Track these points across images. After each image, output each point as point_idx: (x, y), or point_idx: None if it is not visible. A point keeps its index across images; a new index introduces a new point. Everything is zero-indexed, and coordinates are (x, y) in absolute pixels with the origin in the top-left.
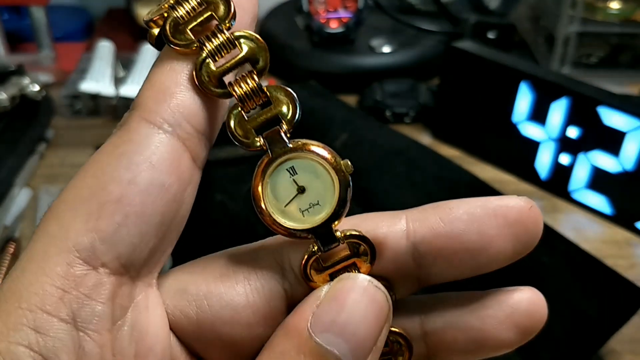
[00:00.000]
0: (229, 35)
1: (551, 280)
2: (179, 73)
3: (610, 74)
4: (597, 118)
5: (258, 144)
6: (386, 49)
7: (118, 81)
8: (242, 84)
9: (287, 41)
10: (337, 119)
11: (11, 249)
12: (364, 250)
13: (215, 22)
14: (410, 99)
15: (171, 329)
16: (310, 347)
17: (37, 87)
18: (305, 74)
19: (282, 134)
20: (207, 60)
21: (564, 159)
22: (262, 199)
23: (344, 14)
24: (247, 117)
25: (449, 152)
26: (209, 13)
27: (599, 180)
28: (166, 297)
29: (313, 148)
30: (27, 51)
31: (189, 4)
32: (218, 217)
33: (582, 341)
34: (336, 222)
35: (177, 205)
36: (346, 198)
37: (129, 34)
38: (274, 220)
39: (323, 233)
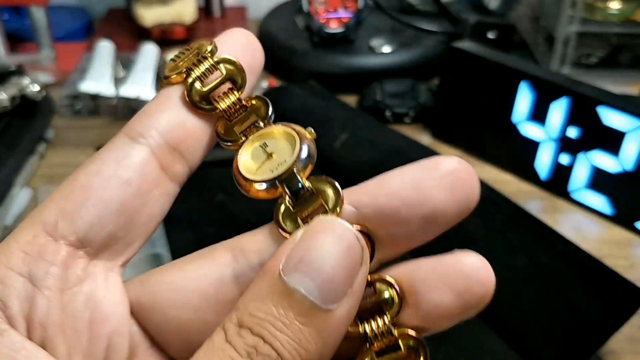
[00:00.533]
0: (211, 62)
1: (550, 280)
2: (162, 98)
3: (610, 74)
4: (597, 118)
5: (241, 140)
6: (386, 49)
7: (118, 81)
8: (225, 99)
9: (287, 41)
10: (337, 119)
11: None
12: (334, 203)
13: (197, 52)
14: (410, 99)
15: (133, 316)
16: (279, 286)
17: (37, 87)
18: (305, 74)
19: (257, 124)
20: (195, 83)
21: (564, 159)
22: (238, 168)
23: (344, 14)
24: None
25: (448, 152)
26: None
27: (599, 180)
28: (130, 288)
29: (279, 125)
30: (27, 51)
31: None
32: (219, 217)
33: (582, 341)
34: (301, 171)
35: (140, 201)
36: (308, 151)
37: (129, 34)
38: (246, 178)
39: (288, 179)
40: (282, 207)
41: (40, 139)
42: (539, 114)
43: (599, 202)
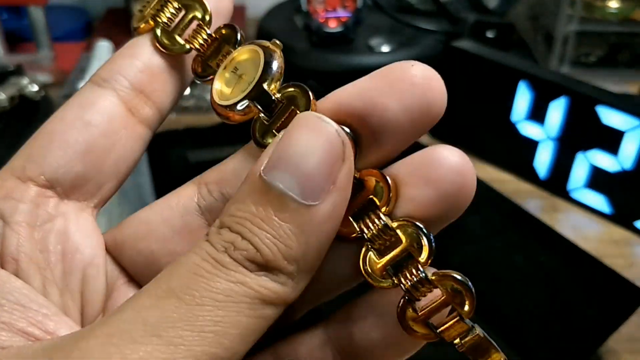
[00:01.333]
0: (174, 5)
1: (550, 279)
2: (129, 46)
3: (609, 73)
4: (595, 117)
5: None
6: (385, 49)
7: None
8: (195, 38)
9: (286, 41)
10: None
11: None
12: (306, 106)
13: None
14: None
15: (109, 255)
16: (259, 185)
17: (36, 87)
18: (304, 74)
19: (230, 52)
20: (162, 27)
21: (563, 158)
22: (212, 97)
23: (343, 14)
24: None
25: None
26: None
27: (598, 179)
28: (106, 233)
29: (246, 45)
30: (26, 51)
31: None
32: None
33: (581, 340)
34: (268, 85)
35: (106, 142)
36: (273, 64)
37: (127, 34)
38: (220, 105)
39: (258, 95)
40: (258, 124)
41: None
42: (538, 113)
43: (598, 201)
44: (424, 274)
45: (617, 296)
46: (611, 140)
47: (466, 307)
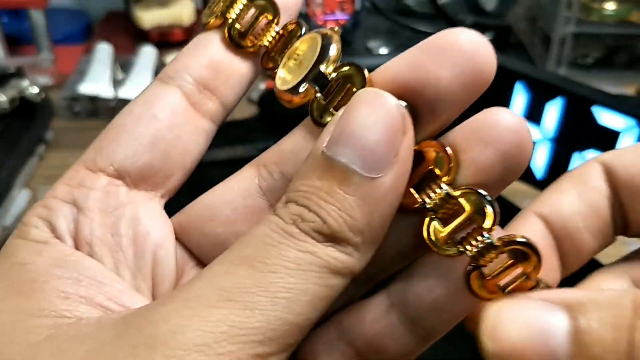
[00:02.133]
0: (244, 1)
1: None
2: (195, 43)
3: (606, 75)
4: (591, 118)
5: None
6: (383, 51)
7: (117, 83)
8: (265, 35)
9: None
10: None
11: None
12: (361, 83)
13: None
14: None
15: (177, 240)
16: (322, 161)
17: (36, 89)
18: None
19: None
20: (235, 24)
21: (559, 158)
22: (275, 85)
23: (341, 16)
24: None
25: None
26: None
27: None
28: (173, 219)
29: (306, 35)
30: (27, 54)
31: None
32: None
33: None
34: (325, 66)
35: (171, 135)
36: (330, 46)
37: (127, 37)
38: (282, 90)
39: (315, 77)
40: (315, 104)
41: (39, 141)
42: (534, 114)
43: None
44: (489, 240)
45: None
46: (607, 140)
47: (533, 268)
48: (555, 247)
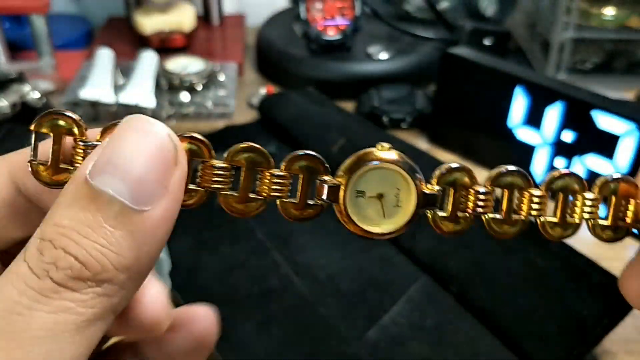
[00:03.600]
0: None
1: (546, 282)
2: None
3: (605, 80)
4: (591, 122)
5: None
6: (383, 56)
7: (118, 88)
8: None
9: (285, 48)
10: (335, 124)
11: None
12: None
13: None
14: (407, 105)
15: None
16: (86, 190)
17: (37, 95)
18: (303, 81)
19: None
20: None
21: (559, 162)
22: (363, 230)
23: (341, 22)
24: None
25: (445, 156)
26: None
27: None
28: None
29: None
30: (28, 59)
31: None
32: (218, 222)
33: (577, 341)
34: (424, 183)
35: None
36: (412, 166)
37: (128, 42)
38: (382, 233)
39: (428, 201)
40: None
41: None
42: (534, 119)
43: None
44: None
45: (612, 298)
46: (607, 144)
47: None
48: None
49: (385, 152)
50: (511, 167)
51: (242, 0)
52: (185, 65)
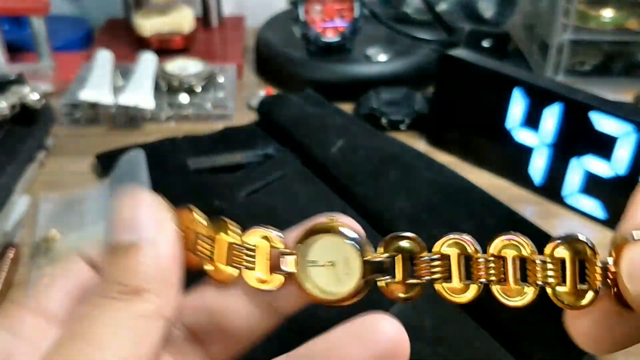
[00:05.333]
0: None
1: None
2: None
3: (603, 82)
4: (589, 123)
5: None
6: (382, 58)
7: (117, 90)
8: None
9: (284, 50)
10: (333, 126)
11: (11, 254)
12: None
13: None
14: (405, 106)
15: None
16: (110, 251)
17: (36, 96)
18: (302, 83)
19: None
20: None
21: (558, 164)
22: (308, 294)
23: (340, 24)
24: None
25: (444, 158)
26: None
27: (592, 185)
28: None
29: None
30: (27, 61)
31: None
32: None
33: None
34: (369, 253)
35: None
36: (359, 236)
37: (128, 44)
38: (338, 300)
39: (376, 269)
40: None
41: (39, 147)
42: (532, 120)
43: (593, 206)
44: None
45: None
46: (605, 146)
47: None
48: None
49: (332, 223)
50: (454, 235)
51: (241, 2)
52: (185, 66)
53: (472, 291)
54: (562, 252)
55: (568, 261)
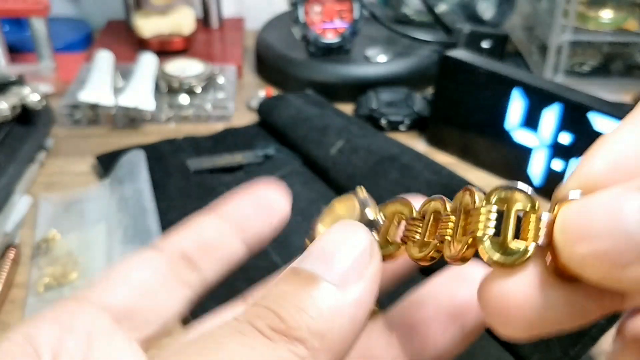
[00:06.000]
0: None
1: None
2: (192, 223)
3: (602, 83)
4: (588, 124)
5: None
6: (381, 59)
7: (117, 91)
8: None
9: (284, 51)
10: (333, 126)
11: (11, 254)
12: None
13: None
14: (405, 107)
15: None
16: (289, 272)
17: (37, 97)
18: (301, 84)
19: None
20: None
21: (557, 164)
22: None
23: (340, 25)
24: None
25: (443, 159)
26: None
27: None
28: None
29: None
30: (28, 62)
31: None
32: None
33: (573, 341)
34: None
35: (145, 298)
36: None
37: (128, 45)
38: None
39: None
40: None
41: (40, 148)
42: (531, 121)
43: None
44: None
45: None
46: None
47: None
48: None
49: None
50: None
51: (241, 3)
52: (185, 68)
53: (426, 250)
54: (496, 203)
55: (500, 211)
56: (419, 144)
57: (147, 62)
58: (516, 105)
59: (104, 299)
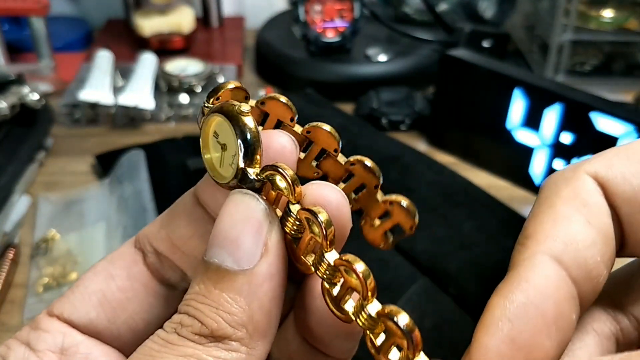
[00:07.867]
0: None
1: None
2: (168, 213)
3: (603, 82)
4: (589, 123)
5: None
6: (382, 58)
7: (117, 90)
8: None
9: (285, 51)
10: (334, 126)
11: (11, 254)
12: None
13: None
14: (406, 106)
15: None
16: (201, 267)
17: (36, 96)
18: (302, 83)
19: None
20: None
21: (558, 164)
22: (207, 169)
23: (340, 24)
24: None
25: (444, 158)
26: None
27: None
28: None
29: (222, 105)
30: (27, 61)
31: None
32: None
33: None
34: (248, 165)
35: (123, 296)
36: (246, 139)
37: (127, 44)
38: (215, 181)
39: (242, 179)
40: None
41: (39, 147)
42: (532, 120)
43: None
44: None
45: None
46: (605, 146)
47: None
48: (575, 296)
49: (245, 107)
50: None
51: (241, 2)
52: (185, 67)
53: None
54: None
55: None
56: (419, 144)
57: (147, 61)
58: (517, 105)
59: (72, 313)
